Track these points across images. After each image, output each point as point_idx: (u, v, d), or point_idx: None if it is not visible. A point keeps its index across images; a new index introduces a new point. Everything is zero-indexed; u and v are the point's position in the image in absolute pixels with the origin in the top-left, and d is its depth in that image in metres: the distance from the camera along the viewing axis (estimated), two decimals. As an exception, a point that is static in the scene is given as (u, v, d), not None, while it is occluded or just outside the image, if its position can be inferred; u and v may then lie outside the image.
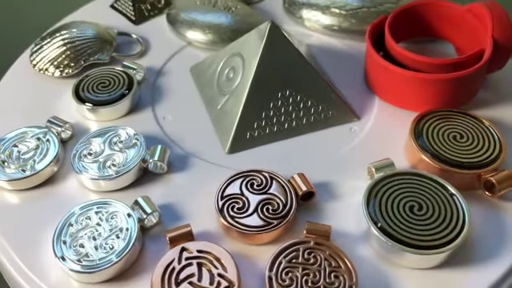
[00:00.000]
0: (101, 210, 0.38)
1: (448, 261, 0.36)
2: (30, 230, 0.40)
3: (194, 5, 0.56)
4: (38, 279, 0.37)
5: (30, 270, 0.37)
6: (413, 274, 0.36)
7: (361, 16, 0.54)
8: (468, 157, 0.40)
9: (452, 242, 0.35)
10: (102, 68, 0.49)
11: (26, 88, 0.51)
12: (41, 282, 0.37)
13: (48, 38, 0.53)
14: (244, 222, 0.37)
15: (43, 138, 0.43)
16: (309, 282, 0.34)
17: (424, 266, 0.36)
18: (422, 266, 0.36)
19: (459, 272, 0.36)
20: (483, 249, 0.37)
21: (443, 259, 0.36)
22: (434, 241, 0.35)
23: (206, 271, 0.34)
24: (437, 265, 0.36)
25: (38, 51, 0.52)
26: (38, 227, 0.40)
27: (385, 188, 0.38)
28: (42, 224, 0.40)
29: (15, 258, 0.38)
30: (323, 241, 0.36)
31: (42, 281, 0.37)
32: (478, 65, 0.44)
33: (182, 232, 0.37)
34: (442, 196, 0.37)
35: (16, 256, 0.38)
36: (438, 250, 0.35)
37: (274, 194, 0.39)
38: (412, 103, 0.46)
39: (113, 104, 0.46)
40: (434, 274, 0.36)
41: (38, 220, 0.40)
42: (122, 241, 0.36)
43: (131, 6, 0.58)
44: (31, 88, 0.51)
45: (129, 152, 0.42)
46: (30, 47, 0.54)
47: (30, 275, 0.37)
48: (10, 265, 0.38)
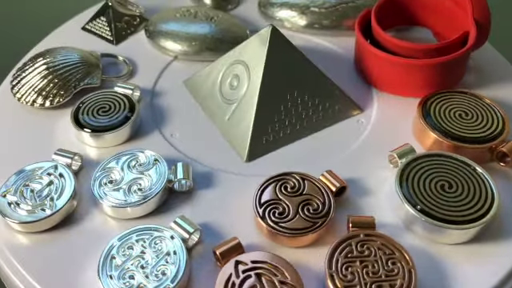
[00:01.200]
0: (141, 237, 0.37)
1: (481, 234, 0.38)
2: (64, 271, 0.37)
3: (173, 17, 0.55)
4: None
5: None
6: (454, 249, 0.38)
7: (340, 12, 0.56)
8: (476, 132, 0.43)
9: (485, 214, 0.37)
10: (97, 92, 0.47)
11: (15, 124, 0.48)
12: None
13: (28, 67, 0.50)
14: (288, 226, 0.37)
15: (55, 173, 0.41)
16: (370, 274, 0.34)
17: (461, 241, 0.38)
18: (459, 241, 0.38)
19: (493, 243, 0.38)
20: (510, 219, 0.40)
21: (477, 232, 0.38)
22: (469, 215, 0.37)
23: (266, 281, 0.34)
24: (472, 238, 0.38)
25: (19, 83, 0.49)
26: (72, 267, 0.37)
27: (413, 171, 0.40)
28: (76, 263, 0.38)
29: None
30: (371, 231, 0.37)
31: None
32: (466, 47, 0.46)
33: (231, 245, 0.36)
34: (467, 172, 0.40)
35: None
36: (476, 222, 0.37)
37: (310, 194, 0.39)
38: (405, 89, 0.49)
39: (119, 128, 0.45)
40: (471, 248, 0.38)
41: (71, 260, 0.38)
42: (172, 265, 0.35)
43: (106, 27, 0.56)
44: (20, 123, 0.48)
45: (152, 174, 0.41)
46: (6, 80, 0.51)
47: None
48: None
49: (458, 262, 0.37)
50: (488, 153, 0.43)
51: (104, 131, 0.44)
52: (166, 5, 0.59)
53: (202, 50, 0.53)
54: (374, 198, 0.41)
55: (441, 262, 0.37)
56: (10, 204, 0.39)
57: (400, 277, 0.34)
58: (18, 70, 0.51)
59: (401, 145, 0.43)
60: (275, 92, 0.45)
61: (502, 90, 0.49)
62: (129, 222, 0.40)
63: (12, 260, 0.38)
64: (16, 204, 0.39)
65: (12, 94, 0.49)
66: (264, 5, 0.58)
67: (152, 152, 0.42)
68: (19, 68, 0.51)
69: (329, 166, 0.43)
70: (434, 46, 0.47)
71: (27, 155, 0.44)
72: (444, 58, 0.46)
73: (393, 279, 0.34)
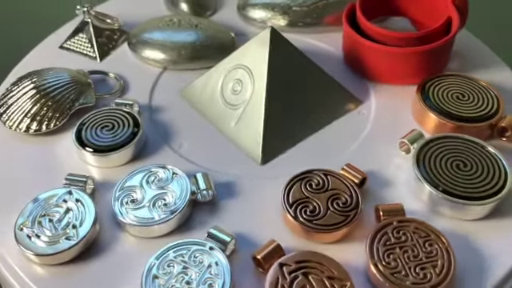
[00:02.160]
0: (179, 252, 0.36)
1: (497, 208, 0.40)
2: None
3: (157, 27, 0.54)
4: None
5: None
6: (475, 224, 0.40)
7: (321, 8, 0.57)
8: (474, 112, 0.45)
9: (502, 189, 0.39)
10: (96, 111, 0.46)
11: (12, 153, 0.45)
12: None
13: (14, 92, 0.47)
14: (322, 222, 0.38)
15: (71, 199, 0.39)
16: (411, 258, 0.35)
17: (480, 216, 0.40)
18: (479, 216, 0.40)
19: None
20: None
21: (495, 207, 0.40)
22: (486, 191, 0.39)
23: (314, 279, 0.34)
24: (489, 213, 0.40)
25: (8, 109, 0.46)
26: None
27: (428, 155, 0.41)
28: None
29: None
30: (402, 218, 0.38)
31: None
32: (452, 31, 0.49)
33: (271, 249, 0.36)
34: (477, 151, 0.42)
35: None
36: (495, 197, 0.39)
37: (336, 189, 0.40)
38: (397, 77, 0.50)
39: (128, 145, 0.43)
40: (491, 222, 0.40)
41: (105, 286, 0.37)
42: (217, 276, 0.35)
43: (87, 43, 0.54)
44: (18, 151, 0.45)
45: (174, 188, 0.40)
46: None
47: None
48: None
49: (484, 236, 0.39)
50: (487, 130, 0.45)
51: (112, 150, 0.43)
52: (140, 16, 0.58)
53: (192, 59, 0.52)
54: (393, 186, 0.42)
55: (468, 238, 0.39)
56: (29, 237, 0.37)
57: (439, 257, 0.35)
58: (2, 95, 0.48)
59: (408, 131, 0.44)
60: (281, 92, 0.45)
61: (487, 74, 0.51)
62: (154, 240, 0.39)
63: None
64: (36, 236, 0.37)
65: (1, 122, 0.46)
66: (243, 7, 0.58)
67: (169, 165, 0.41)
68: (3, 94, 0.48)
69: (342, 159, 0.44)
70: (422, 34, 0.49)
71: (34, 184, 0.42)
72: (435, 43, 0.47)
73: (433, 260, 0.35)
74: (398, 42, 0.49)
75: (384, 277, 0.35)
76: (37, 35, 0.58)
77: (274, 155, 0.45)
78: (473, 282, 0.36)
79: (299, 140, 0.46)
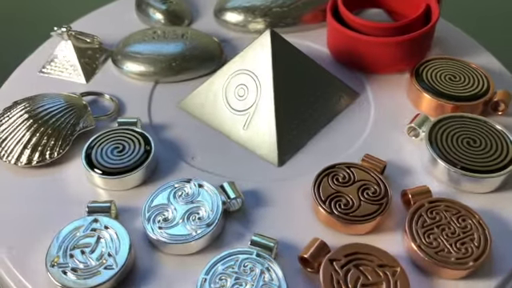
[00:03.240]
0: (227, 264, 0.35)
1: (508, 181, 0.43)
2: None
3: (143, 41, 0.53)
4: None
5: None
6: (490, 196, 0.42)
7: (300, 7, 0.58)
8: (468, 91, 0.48)
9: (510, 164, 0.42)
10: (101, 134, 0.44)
11: (19, 189, 0.43)
12: None
13: (7, 125, 0.45)
14: (359, 214, 0.39)
15: (99, 227, 0.38)
16: (449, 235, 0.37)
17: (493, 188, 0.42)
18: (492, 189, 0.42)
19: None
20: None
21: (507, 178, 0.42)
22: (497, 164, 0.41)
23: (366, 269, 0.35)
24: (500, 185, 0.42)
25: (3, 143, 0.44)
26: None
27: (439, 135, 0.43)
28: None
29: None
30: (432, 198, 0.39)
31: None
32: (433, 19, 0.51)
33: (317, 246, 0.36)
34: (482, 127, 0.44)
35: None
36: (507, 169, 0.41)
37: (363, 180, 0.41)
38: (385, 66, 0.52)
39: (145, 163, 0.42)
40: (504, 193, 0.42)
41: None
42: (271, 282, 0.35)
43: (70, 66, 0.52)
44: (22, 186, 0.43)
45: (204, 201, 0.39)
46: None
47: None
48: None
49: (501, 206, 0.41)
50: (481, 107, 0.47)
51: (128, 171, 0.42)
52: (115, 32, 0.56)
53: (183, 70, 0.52)
54: (409, 170, 0.44)
55: (489, 210, 0.41)
56: (64, 272, 0.35)
57: (474, 230, 0.37)
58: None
59: (409, 116, 0.46)
60: (287, 92, 0.45)
61: (469, 59, 0.53)
62: (192, 256, 0.38)
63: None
64: (72, 270, 0.35)
65: (2, 159, 0.43)
66: (221, 12, 0.58)
67: (193, 178, 0.41)
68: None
69: (354, 151, 0.45)
70: (404, 23, 0.51)
71: (51, 217, 0.40)
72: (422, 30, 0.49)
73: (469, 234, 0.37)
74: (383, 33, 0.51)
75: (429, 257, 0.36)
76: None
77: (290, 156, 0.45)
78: (507, 248, 0.39)
79: (310, 138, 0.46)
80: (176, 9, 0.58)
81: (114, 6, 0.62)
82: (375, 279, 0.35)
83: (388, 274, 0.35)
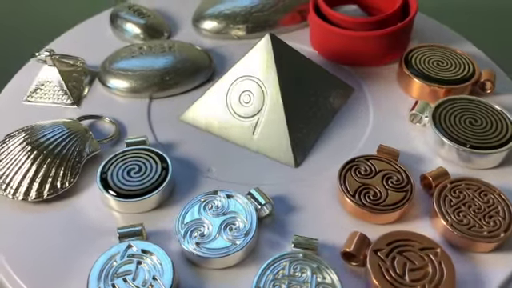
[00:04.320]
0: (276, 270, 0.35)
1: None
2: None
3: (130, 57, 0.51)
4: None
5: None
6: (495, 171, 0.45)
7: (280, 10, 0.58)
8: (457, 75, 0.50)
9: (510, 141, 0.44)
10: (114, 157, 0.42)
11: (33, 228, 0.40)
12: None
13: (8, 160, 0.42)
14: (388, 203, 0.40)
15: (137, 252, 0.36)
16: (476, 211, 0.39)
17: (495, 164, 0.44)
18: (495, 164, 0.44)
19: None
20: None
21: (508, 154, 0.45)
22: (499, 140, 0.44)
23: (410, 254, 0.36)
24: (504, 160, 0.45)
25: (7, 180, 0.41)
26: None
27: (442, 118, 0.45)
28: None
29: None
30: (452, 179, 0.41)
31: None
32: (412, 11, 0.53)
33: (358, 239, 0.37)
34: (480, 107, 0.46)
35: None
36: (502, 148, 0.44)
37: (384, 170, 0.42)
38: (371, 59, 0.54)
39: (165, 181, 0.41)
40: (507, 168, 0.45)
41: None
42: (325, 280, 0.35)
43: (58, 91, 0.50)
44: (39, 223, 0.41)
45: (236, 211, 0.39)
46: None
47: None
48: None
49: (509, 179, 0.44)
50: (470, 88, 0.50)
51: (152, 190, 0.40)
52: (94, 51, 0.55)
53: (177, 82, 0.51)
54: (420, 155, 0.45)
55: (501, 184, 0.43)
56: (111, 305, 0.34)
57: (497, 203, 0.39)
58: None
59: (407, 104, 0.48)
60: (293, 94, 0.46)
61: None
62: (233, 268, 0.38)
63: None
64: (119, 301, 0.34)
65: (5, 195, 0.41)
66: (201, 22, 0.57)
67: (219, 190, 0.40)
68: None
69: (364, 143, 0.46)
70: (385, 16, 0.53)
71: (77, 249, 0.38)
72: (405, 21, 0.52)
73: (494, 208, 0.39)
74: (367, 27, 0.52)
75: (464, 233, 0.38)
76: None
77: (304, 156, 0.46)
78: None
79: (318, 136, 0.47)
80: (154, 22, 0.57)
81: (87, 24, 0.60)
82: (420, 263, 0.36)
83: (430, 255, 0.36)
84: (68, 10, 0.65)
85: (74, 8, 0.62)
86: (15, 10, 0.79)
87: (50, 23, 0.63)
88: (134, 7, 0.58)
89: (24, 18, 0.80)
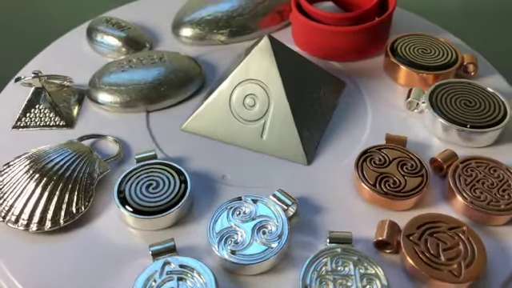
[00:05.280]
0: (318, 268, 0.36)
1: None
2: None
3: (120, 71, 0.50)
4: None
5: None
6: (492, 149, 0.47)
7: (260, 12, 0.58)
8: (441, 60, 0.52)
9: (504, 117, 0.46)
10: (127, 174, 0.41)
11: (55, 261, 0.38)
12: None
13: (15, 192, 0.40)
14: (408, 189, 0.41)
15: (175, 268, 0.35)
16: (489, 186, 0.41)
17: (492, 142, 0.47)
18: (491, 142, 0.47)
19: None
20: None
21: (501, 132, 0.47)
22: (494, 119, 0.46)
23: (440, 235, 0.38)
24: (497, 139, 0.47)
25: (16, 212, 0.39)
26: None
27: (438, 102, 0.47)
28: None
29: None
30: (461, 159, 0.43)
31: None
32: (391, 5, 0.55)
33: (388, 227, 0.38)
34: (472, 89, 0.49)
35: None
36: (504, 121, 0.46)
37: (397, 158, 0.43)
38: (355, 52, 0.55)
39: (186, 193, 0.40)
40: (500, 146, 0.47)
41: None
42: (368, 271, 0.36)
43: (50, 113, 0.47)
44: (59, 255, 0.39)
45: (265, 214, 0.39)
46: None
47: None
48: None
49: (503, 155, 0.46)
50: (455, 72, 0.53)
51: (173, 205, 0.40)
52: (75, 68, 0.53)
53: (172, 94, 0.50)
54: (422, 140, 0.47)
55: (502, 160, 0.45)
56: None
57: (507, 177, 0.42)
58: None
59: (402, 93, 0.50)
60: (296, 93, 0.46)
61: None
62: (270, 272, 0.38)
63: None
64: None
65: (17, 227, 0.39)
66: (181, 29, 0.57)
67: (243, 195, 0.40)
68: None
69: (368, 135, 0.47)
70: (365, 11, 0.55)
71: (106, 276, 0.37)
72: (386, 15, 0.53)
73: (505, 182, 0.41)
74: (347, 22, 0.54)
75: (483, 209, 0.40)
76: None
77: (314, 153, 0.46)
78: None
79: (323, 133, 0.48)
80: (135, 34, 0.56)
81: (62, 42, 0.58)
82: (451, 242, 0.37)
83: (459, 234, 0.38)
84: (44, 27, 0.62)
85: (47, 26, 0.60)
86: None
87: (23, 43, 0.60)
88: (111, 20, 0.56)
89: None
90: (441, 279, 0.36)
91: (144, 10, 0.62)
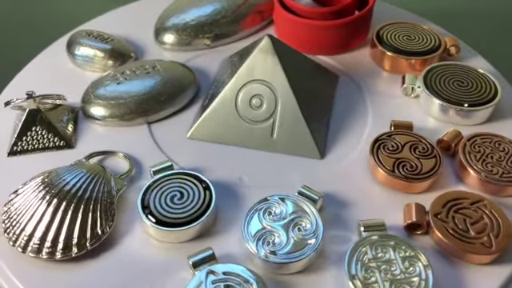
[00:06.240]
0: (361, 257, 0.36)
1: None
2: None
3: (116, 84, 0.48)
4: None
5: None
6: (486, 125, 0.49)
7: (243, 13, 0.58)
8: (426, 46, 0.54)
9: (496, 95, 0.49)
10: (147, 189, 0.40)
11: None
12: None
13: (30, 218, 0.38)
14: (425, 171, 0.42)
15: (220, 276, 0.35)
16: (498, 159, 0.43)
17: (485, 119, 0.49)
18: (484, 119, 0.49)
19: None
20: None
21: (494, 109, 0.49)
22: (487, 96, 0.48)
23: (465, 211, 0.39)
24: (490, 116, 0.49)
25: (44, 240, 0.37)
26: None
27: (432, 85, 0.49)
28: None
29: None
30: (468, 136, 0.45)
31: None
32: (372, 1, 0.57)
33: (415, 209, 0.39)
34: (462, 70, 0.51)
35: None
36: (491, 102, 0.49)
37: (408, 142, 0.44)
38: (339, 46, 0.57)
39: (212, 200, 0.40)
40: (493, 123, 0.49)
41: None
42: (411, 254, 0.36)
43: (48, 134, 0.45)
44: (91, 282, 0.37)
45: (296, 211, 0.39)
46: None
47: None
48: None
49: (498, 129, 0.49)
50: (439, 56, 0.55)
51: (202, 214, 0.39)
52: (59, 85, 0.51)
53: (171, 103, 0.49)
54: (424, 123, 0.48)
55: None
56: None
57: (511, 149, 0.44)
58: (10, 231, 0.37)
59: (395, 81, 0.52)
60: (300, 90, 0.46)
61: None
62: (310, 269, 0.38)
63: None
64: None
65: (41, 257, 0.37)
66: (165, 36, 0.56)
67: (269, 196, 0.40)
68: (9, 227, 0.38)
69: (371, 124, 0.49)
70: (346, 5, 0.56)
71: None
72: (367, 9, 0.55)
73: (511, 153, 0.44)
74: (330, 17, 0.55)
75: (497, 181, 0.42)
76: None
77: (325, 146, 0.47)
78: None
79: (328, 126, 0.48)
80: (120, 46, 0.54)
81: (41, 59, 0.55)
82: (476, 216, 0.39)
83: (482, 208, 0.40)
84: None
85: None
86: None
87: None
88: (93, 33, 0.54)
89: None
90: (475, 252, 0.37)
91: (119, 21, 0.60)
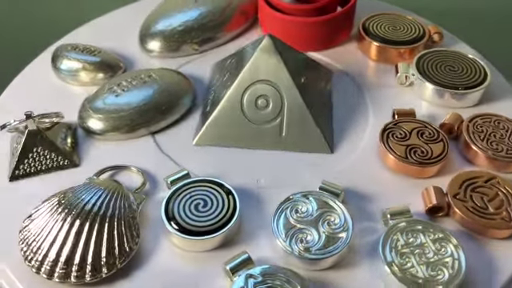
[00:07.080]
0: (394, 244, 0.37)
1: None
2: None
3: (114, 97, 0.47)
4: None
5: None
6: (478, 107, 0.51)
7: (228, 15, 0.58)
8: (411, 35, 0.56)
9: (485, 79, 0.51)
10: (169, 199, 0.39)
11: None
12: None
13: (57, 242, 0.36)
14: (435, 155, 0.43)
15: (260, 279, 0.34)
16: (500, 137, 0.45)
17: (476, 102, 0.51)
18: (476, 102, 0.51)
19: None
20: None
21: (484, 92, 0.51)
22: (477, 80, 0.50)
23: (481, 190, 0.41)
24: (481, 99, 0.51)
25: (68, 266, 0.35)
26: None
27: (427, 72, 0.51)
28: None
29: None
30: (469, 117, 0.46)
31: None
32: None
33: (435, 192, 0.41)
34: (449, 55, 0.53)
35: None
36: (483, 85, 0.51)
37: (415, 128, 0.45)
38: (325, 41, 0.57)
39: (237, 206, 0.39)
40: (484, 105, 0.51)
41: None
42: (437, 235, 0.37)
43: (50, 154, 0.43)
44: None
45: (322, 207, 0.39)
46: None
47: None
48: None
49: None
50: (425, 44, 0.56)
51: (229, 220, 0.38)
52: (50, 101, 0.49)
53: (172, 111, 0.48)
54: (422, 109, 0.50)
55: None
56: None
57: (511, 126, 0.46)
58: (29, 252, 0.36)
59: (386, 68, 0.53)
60: (304, 87, 0.47)
61: None
62: (343, 262, 0.38)
63: None
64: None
65: (69, 281, 0.35)
66: (152, 43, 0.55)
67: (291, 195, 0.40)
68: (31, 253, 0.36)
69: (373, 113, 0.50)
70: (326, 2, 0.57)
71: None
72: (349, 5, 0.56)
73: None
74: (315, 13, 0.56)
75: (504, 157, 0.43)
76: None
77: (333, 141, 0.47)
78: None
79: (331, 120, 0.49)
80: (108, 58, 0.53)
81: (25, 75, 0.53)
82: (492, 193, 0.41)
83: (495, 185, 0.41)
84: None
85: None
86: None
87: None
88: (78, 47, 0.52)
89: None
90: (496, 227, 0.39)
91: (100, 31, 0.58)
